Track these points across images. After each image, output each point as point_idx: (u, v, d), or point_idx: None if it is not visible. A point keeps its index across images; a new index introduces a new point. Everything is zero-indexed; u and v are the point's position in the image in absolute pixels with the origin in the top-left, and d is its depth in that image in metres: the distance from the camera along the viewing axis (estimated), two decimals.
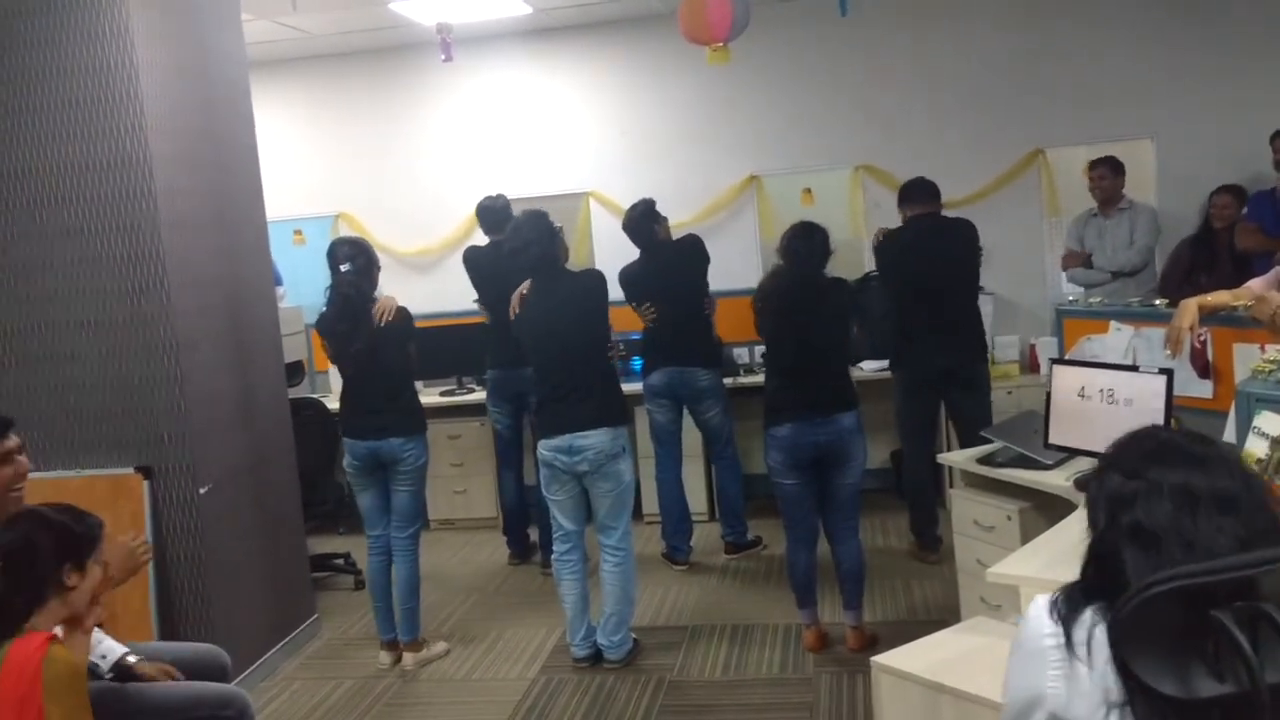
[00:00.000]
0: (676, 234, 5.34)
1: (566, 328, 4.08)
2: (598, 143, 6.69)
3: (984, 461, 3.81)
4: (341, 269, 4.18)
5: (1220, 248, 5.47)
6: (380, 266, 4.38)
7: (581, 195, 6.71)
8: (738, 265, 6.25)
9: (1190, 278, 5.24)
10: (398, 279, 6.39)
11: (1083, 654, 1.37)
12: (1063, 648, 1.40)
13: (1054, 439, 3.55)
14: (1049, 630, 1.42)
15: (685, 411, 5.33)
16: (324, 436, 5.36)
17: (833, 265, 4.19)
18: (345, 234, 6.25)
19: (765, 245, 6.29)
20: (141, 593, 3.90)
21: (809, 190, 6.52)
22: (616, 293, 4.67)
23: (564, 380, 4.08)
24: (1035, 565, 2.66)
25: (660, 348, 5.20)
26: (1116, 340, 3.69)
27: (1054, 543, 2.77)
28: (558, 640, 4.52)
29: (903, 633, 3.68)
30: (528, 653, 4.48)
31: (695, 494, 5.78)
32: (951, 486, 4.26)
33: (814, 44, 6.39)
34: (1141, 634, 1.30)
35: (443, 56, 5.70)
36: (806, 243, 4.05)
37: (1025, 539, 3.38)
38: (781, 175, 6.54)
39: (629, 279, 5.20)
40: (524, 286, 4.19)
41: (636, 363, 5.49)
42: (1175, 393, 3.22)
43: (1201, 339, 3.31)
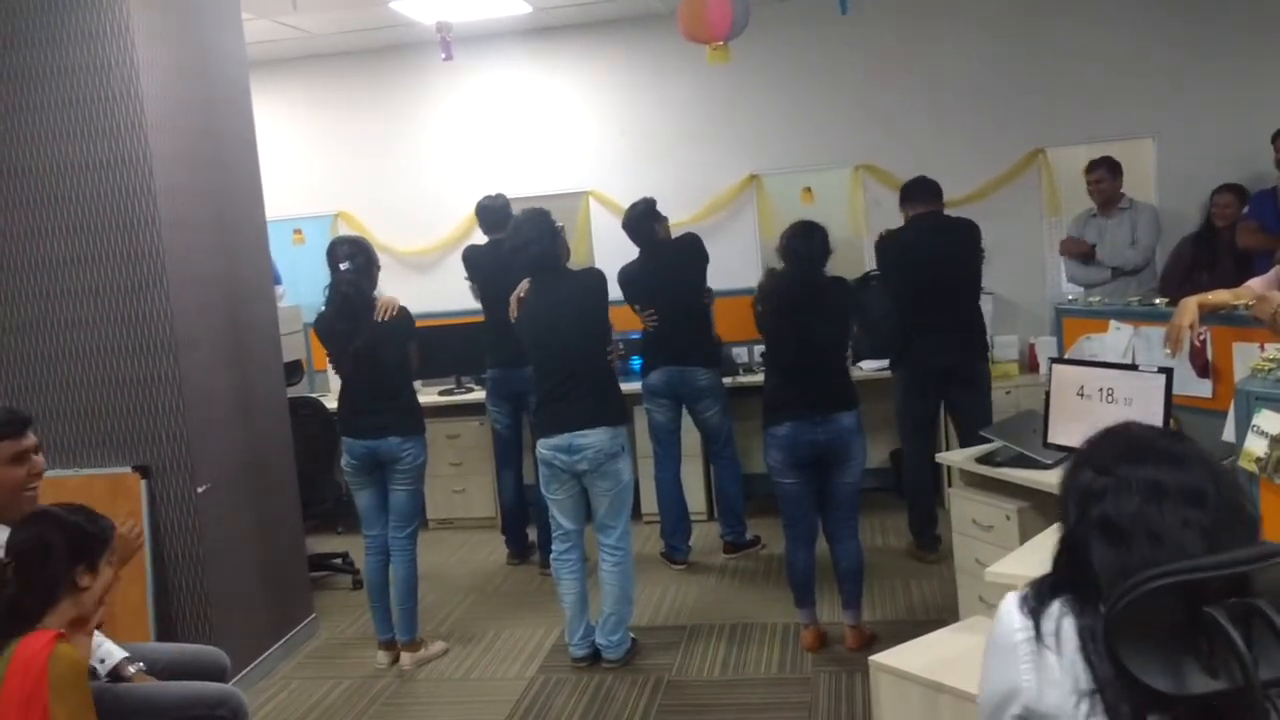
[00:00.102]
0: (676, 233, 5.33)
1: (567, 326, 4.08)
2: (597, 142, 6.69)
3: (983, 461, 3.81)
4: (341, 268, 4.17)
5: (1221, 246, 5.46)
6: (380, 266, 4.37)
7: (581, 194, 6.71)
8: (737, 265, 6.24)
9: (1191, 276, 5.23)
10: (397, 278, 6.40)
11: (1051, 644, 1.40)
12: (1033, 640, 1.42)
13: (1053, 438, 3.54)
14: (1019, 625, 1.45)
15: (684, 411, 5.32)
16: (323, 436, 5.36)
17: (833, 264, 4.18)
18: (345, 233, 6.25)
19: (765, 245, 6.29)
20: (139, 591, 3.90)
21: (809, 189, 6.52)
22: (616, 292, 4.67)
23: (564, 379, 4.08)
24: (1034, 565, 2.62)
25: (659, 347, 5.19)
26: (1116, 339, 3.68)
27: (1052, 542, 2.75)
28: (556, 640, 4.52)
29: (901, 632, 3.69)
30: (526, 652, 4.48)
31: (694, 493, 5.78)
32: (950, 486, 4.25)
33: (814, 43, 6.38)
34: (1134, 629, 1.30)
35: (443, 55, 5.69)
36: (806, 242, 4.05)
37: (1024, 538, 3.37)
38: (781, 174, 6.53)
39: (628, 278, 5.19)
40: (521, 288, 4.19)
41: (636, 362, 5.49)
42: (1175, 391, 3.22)
43: (1201, 338, 3.31)
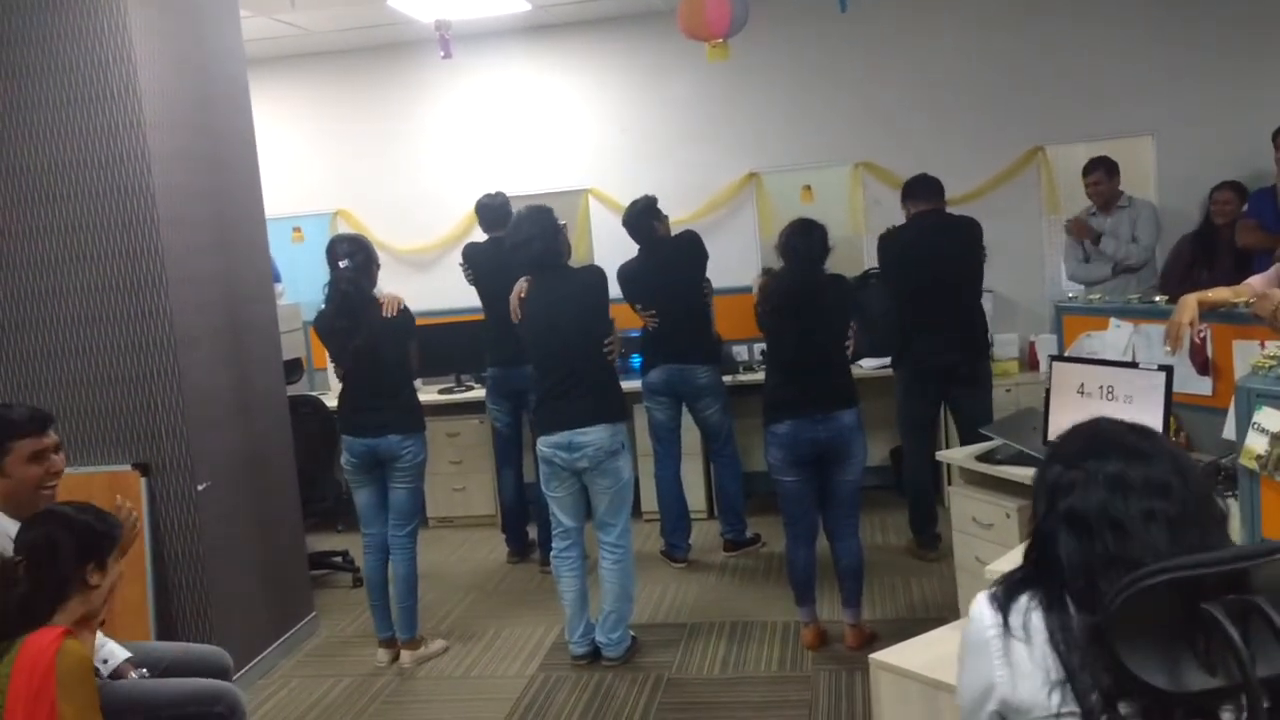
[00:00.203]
0: (676, 231, 5.32)
1: (567, 324, 4.07)
2: (597, 140, 6.68)
3: (983, 459, 3.80)
4: (340, 265, 4.17)
5: (1221, 244, 5.45)
6: (380, 264, 4.37)
7: (581, 192, 6.71)
8: (737, 263, 6.23)
9: (1191, 274, 5.22)
10: (396, 276, 6.40)
11: (1021, 636, 1.43)
12: (1003, 635, 1.45)
13: (1053, 436, 3.52)
14: (990, 621, 1.48)
15: (684, 409, 5.32)
16: (322, 434, 5.35)
17: (832, 262, 4.18)
18: (344, 231, 6.24)
19: (765, 243, 6.29)
20: (139, 589, 3.90)
21: (809, 187, 6.52)
22: (616, 290, 4.66)
23: (564, 377, 4.08)
24: None
25: (659, 345, 5.19)
26: (1116, 337, 3.68)
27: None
28: (556, 638, 4.52)
29: (901, 630, 3.69)
30: (526, 650, 4.47)
31: (694, 491, 5.78)
32: (950, 484, 4.25)
33: (813, 40, 6.38)
34: (1132, 625, 1.30)
35: (442, 53, 5.68)
36: (805, 240, 4.05)
37: (1024, 536, 3.34)
38: (781, 172, 6.53)
39: (628, 276, 5.19)
40: (520, 287, 4.18)
41: (635, 360, 5.49)
42: (1175, 389, 3.22)
43: (1201, 335, 3.30)
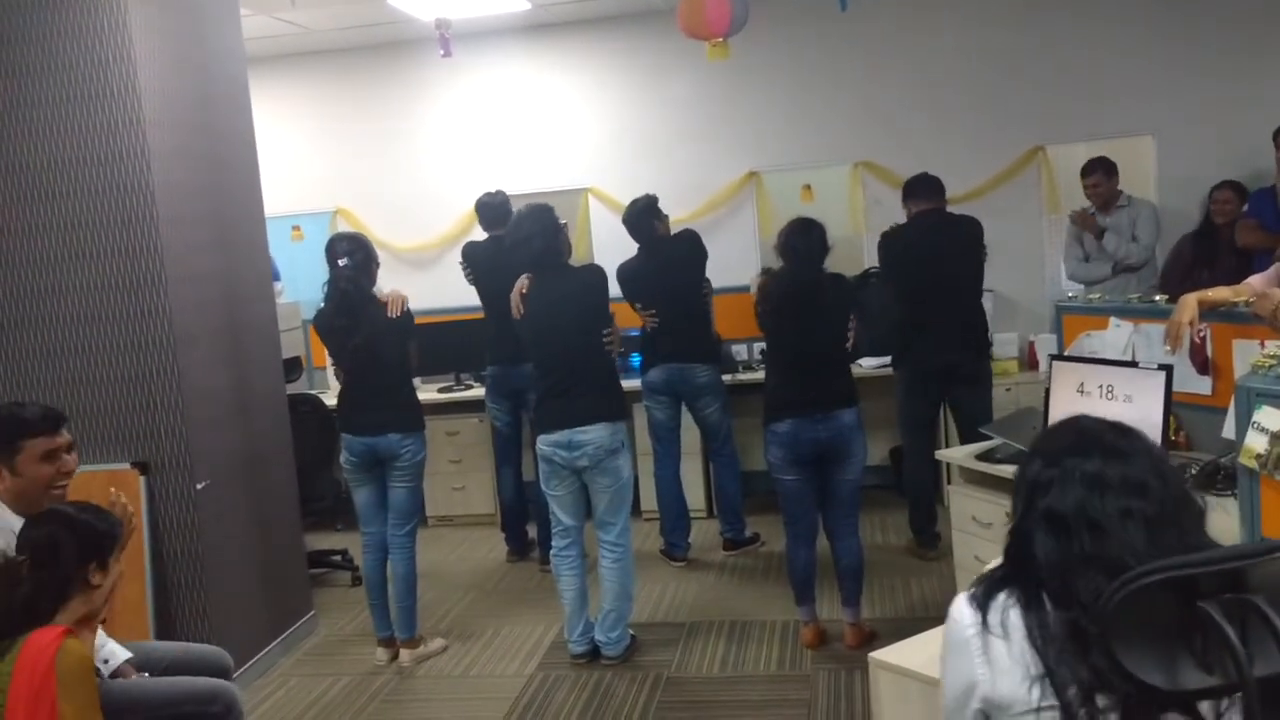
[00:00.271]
0: (675, 230, 5.31)
1: (567, 323, 4.07)
2: (597, 139, 6.68)
3: (983, 458, 3.80)
4: (339, 264, 4.16)
5: (1222, 243, 5.45)
6: (379, 262, 4.36)
7: (580, 191, 6.70)
8: (737, 262, 6.23)
9: (1192, 273, 5.21)
10: (396, 275, 6.40)
11: (999, 633, 1.45)
12: (982, 633, 1.47)
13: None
14: (970, 621, 1.50)
15: (684, 408, 5.31)
16: (322, 432, 5.34)
17: (832, 262, 4.18)
18: (343, 229, 6.23)
19: (764, 242, 6.29)
20: (138, 588, 3.89)
21: (808, 187, 6.52)
22: (616, 289, 4.66)
23: (564, 375, 4.07)
24: None
25: (659, 344, 5.18)
26: (1116, 336, 3.68)
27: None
28: (555, 636, 4.52)
29: (901, 629, 3.67)
30: (525, 649, 4.47)
31: (693, 491, 5.77)
32: (950, 483, 4.24)
33: (813, 40, 6.38)
34: (1128, 624, 1.30)
35: (441, 52, 5.68)
36: (805, 239, 4.04)
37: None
38: (781, 171, 6.52)
39: (627, 275, 5.18)
40: (522, 283, 4.18)
41: (635, 359, 5.48)
42: (1175, 388, 3.21)
43: (1201, 335, 3.30)
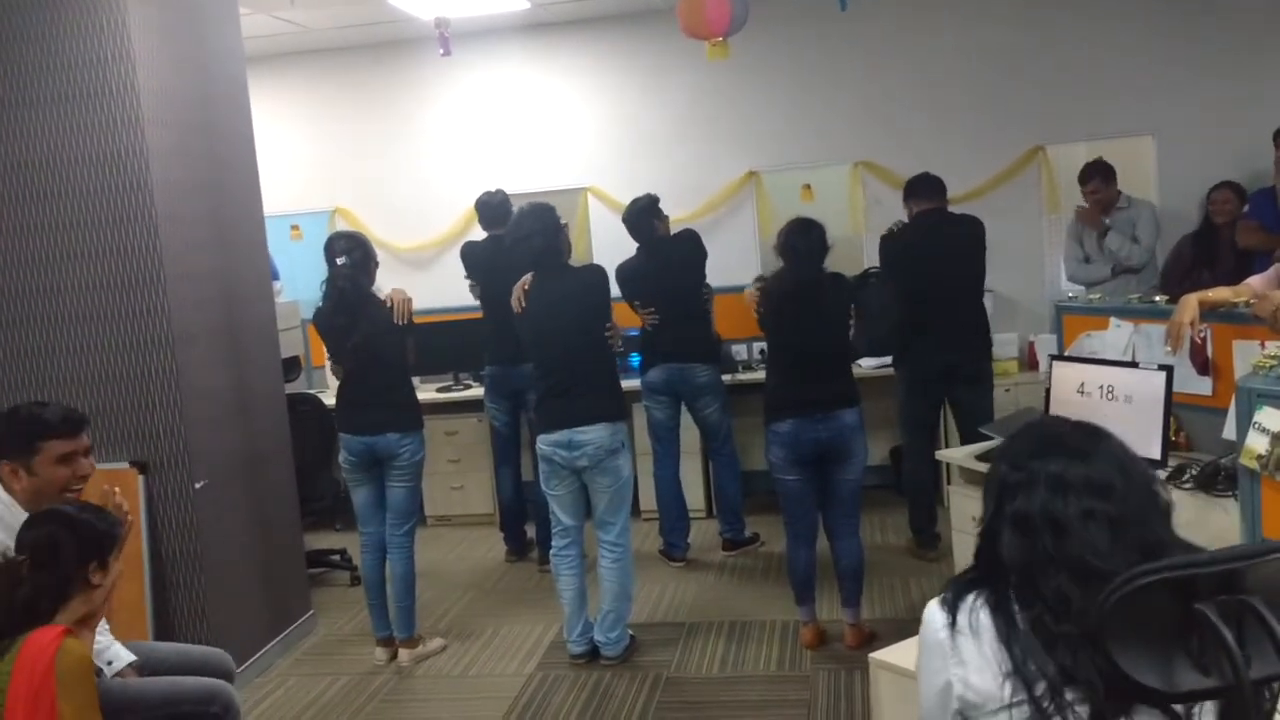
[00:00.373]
0: (675, 229, 5.31)
1: (568, 323, 4.06)
2: (596, 138, 6.67)
3: (983, 458, 3.79)
4: (338, 262, 4.16)
5: (1222, 243, 5.43)
6: (378, 262, 4.35)
7: (580, 191, 6.70)
8: (736, 262, 6.23)
9: (1192, 274, 5.20)
10: (395, 274, 6.38)
11: (969, 633, 1.47)
12: (952, 635, 1.50)
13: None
14: (941, 623, 1.52)
15: (684, 408, 5.31)
16: (320, 432, 5.33)
17: (832, 261, 4.17)
18: (342, 229, 6.22)
19: (764, 242, 6.28)
20: (137, 588, 3.89)
21: (808, 186, 6.51)
22: (616, 289, 4.65)
23: (564, 375, 4.07)
24: None
25: (659, 344, 5.17)
26: (1116, 337, 3.68)
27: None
28: (554, 636, 4.51)
29: (901, 630, 3.68)
30: (524, 649, 4.47)
31: (693, 491, 5.77)
32: (950, 483, 4.24)
33: (813, 39, 6.37)
34: (1125, 625, 1.30)
35: (441, 51, 5.67)
36: (805, 239, 4.04)
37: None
38: (781, 171, 6.52)
39: (627, 275, 5.17)
40: (525, 280, 4.17)
41: (635, 359, 5.48)
42: (1175, 389, 3.21)
43: (1202, 335, 3.30)
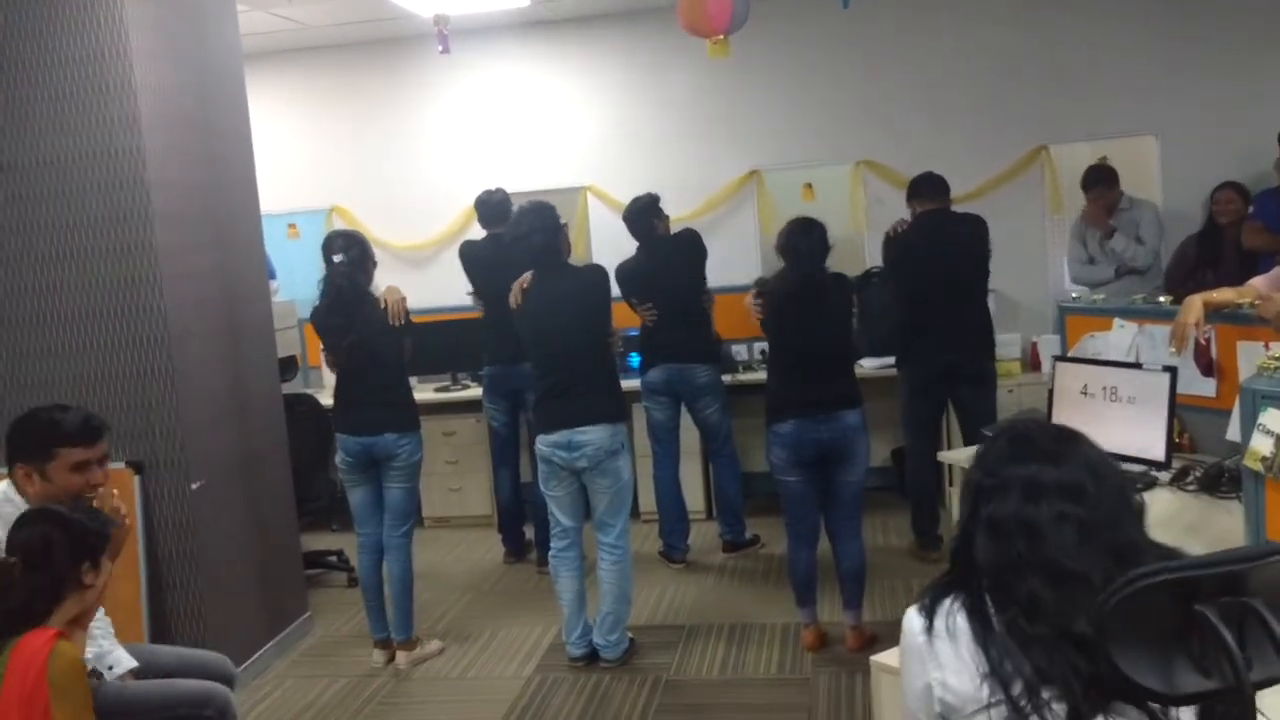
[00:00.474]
0: (675, 229, 5.29)
1: (567, 323, 4.04)
2: (596, 137, 6.64)
3: None
4: (335, 260, 4.14)
5: (1225, 244, 5.40)
6: (376, 261, 4.33)
7: (579, 189, 6.67)
8: (737, 261, 6.20)
9: (1196, 274, 5.17)
10: (393, 273, 6.34)
11: (945, 636, 1.50)
12: (929, 639, 1.52)
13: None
14: (919, 628, 1.55)
15: (683, 409, 5.28)
16: (318, 432, 5.31)
17: (833, 261, 4.15)
18: (340, 227, 6.20)
19: (765, 241, 6.25)
20: (133, 589, 3.86)
21: (809, 185, 6.48)
22: (616, 289, 4.62)
23: (564, 376, 4.04)
24: None
25: (658, 344, 5.15)
26: (1120, 337, 3.65)
27: None
28: (553, 639, 4.49)
29: None
30: (523, 651, 4.44)
31: (693, 492, 5.74)
32: (952, 485, 4.21)
33: (815, 38, 6.34)
34: (1126, 627, 1.29)
35: (440, 49, 5.65)
36: (806, 239, 4.02)
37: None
38: (782, 170, 6.49)
39: (626, 274, 5.15)
40: (525, 278, 4.14)
41: (634, 359, 5.45)
42: (1179, 390, 3.19)
43: (1206, 336, 3.27)
